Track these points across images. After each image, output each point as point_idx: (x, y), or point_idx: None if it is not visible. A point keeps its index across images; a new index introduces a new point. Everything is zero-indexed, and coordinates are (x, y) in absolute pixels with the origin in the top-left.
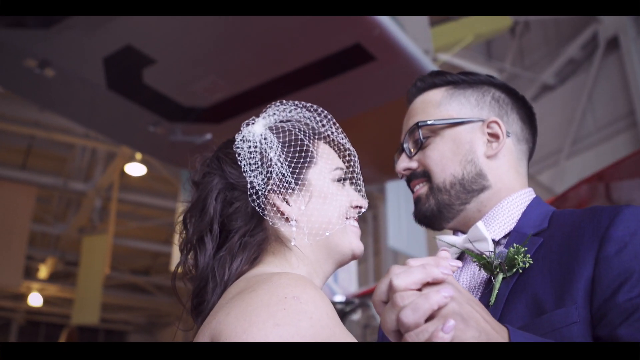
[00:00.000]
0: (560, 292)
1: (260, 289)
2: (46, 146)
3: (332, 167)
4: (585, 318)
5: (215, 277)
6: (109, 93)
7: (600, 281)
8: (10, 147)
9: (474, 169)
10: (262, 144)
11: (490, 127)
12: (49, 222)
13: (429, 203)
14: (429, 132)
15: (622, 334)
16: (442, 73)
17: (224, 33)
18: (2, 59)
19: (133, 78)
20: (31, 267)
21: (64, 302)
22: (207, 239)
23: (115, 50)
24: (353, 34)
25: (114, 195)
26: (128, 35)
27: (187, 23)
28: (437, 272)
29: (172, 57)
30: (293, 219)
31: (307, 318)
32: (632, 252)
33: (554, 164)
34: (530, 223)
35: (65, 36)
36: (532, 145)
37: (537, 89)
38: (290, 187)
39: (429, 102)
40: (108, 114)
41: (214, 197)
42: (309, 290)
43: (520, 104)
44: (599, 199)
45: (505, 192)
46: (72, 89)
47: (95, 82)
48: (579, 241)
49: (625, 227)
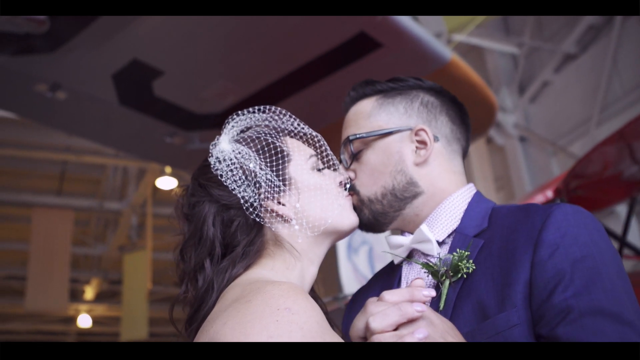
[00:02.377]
0: (501, 297)
1: (255, 299)
2: (79, 170)
3: (306, 156)
4: (525, 319)
5: (213, 288)
6: (122, 109)
7: (537, 284)
8: (44, 174)
9: (404, 178)
10: (239, 159)
11: (418, 135)
12: (90, 244)
13: (363, 213)
14: (360, 145)
15: (560, 333)
16: (372, 82)
17: (227, 37)
18: (12, 87)
19: (144, 91)
20: (77, 289)
21: (112, 321)
22: (207, 263)
23: (123, 65)
24: (356, 23)
25: (148, 211)
26: (133, 49)
27: (190, 31)
28: (412, 311)
29: (179, 67)
30: (292, 218)
31: (298, 329)
32: (564, 254)
33: (584, 134)
34: (472, 223)
35: (72, 57)
36: (464, 143)
37: (560, 60)
38: (279, 188)
39: (360, 114)
40: (124, 129)
41: (210, 223)
42: (300, 301)
43: (450, 104)
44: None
45: (439, 195)
46: (85, 108)
47: (107, 100)
48: (515, 245)
49: (556, 229)
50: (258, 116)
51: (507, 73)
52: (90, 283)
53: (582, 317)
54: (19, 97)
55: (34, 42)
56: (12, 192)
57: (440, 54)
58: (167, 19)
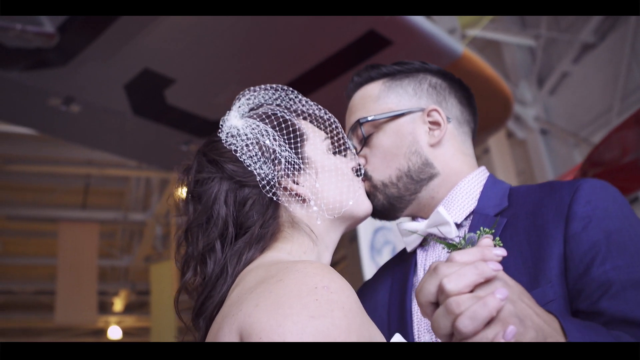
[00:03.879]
0: (534, 273)
1: (288, 278)
2: (102, 183)
3: (321, 138)
4: (561, 294)
5: (227, 271)
6: (136, 119)
7: (572, 258)
8: (68, 188)
9: (420, 159)
10: (255, 134)
11: (430, 116)
12: (116, 256)
13: (377, 199)
14: (371, 128)
15: (603, 307)
16: (377, 66)
17: (237, 41)
18: (26, 102)
19: (156, 100)
20: (106, 301)
21: (142, 331)
22: (217, 245)
23: (134, 75)
24: (365, 21)
25: (172, 221)
26: (143, 59)
27: (199, 37)
28: (489, 270)
29: (190, 74)
30: (310, 199)
31: (339, 308)
32: (597, 227)
33: (605, 123)
34: (490, 203)
35: (83, 70)
36: (473, 126)
37: (578, 50)
38: (297, 167)
39: (368, 97)
40: (139, 139)
41: (222, 202)
42: (336, 280)
43: (457, 87)
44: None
45: (455, 177)
46: (100, 120)
47: (120, 110)
48: (544, 219)
49: (587, 202)
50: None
51: (525, 66)
52: (119, 295)
53: (625, 290)
54: (33, 112)
55: (45, 56)
56: (37, 207)
57: (451, 49)
58: (175, 27)
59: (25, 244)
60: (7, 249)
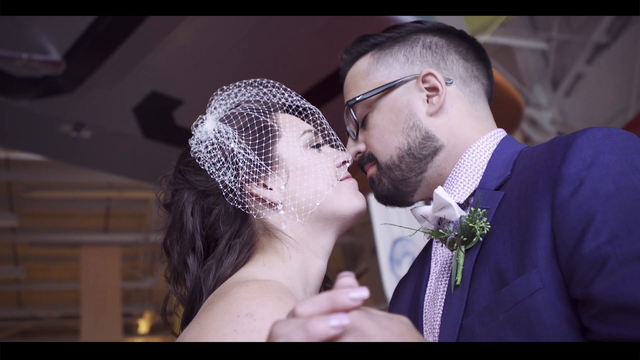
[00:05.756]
0: (520, 257)
1: (217, 306)
2: (123, 206)
3: (299, 133)
4: (551, 281)
5: (202, 289)
6: (147, 141)
7: (561, 233)
8: (89, 213)
9: (419, 134)
10: (218, 139)
11: (426, 81)
12: (139, 278)
13: (382, 183)
14: (364, 109)
15: (596, 291)
16: (365, 37)
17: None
18: (38, 130)
19: (166, 122)
20: (131, 324)
21: None
22: (189, 260)
23: (142, 98)
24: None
25: None
26: (150, 82)
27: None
28: (324, 329)
29: (197, 94)
30: (279, 202)
31: (261, 337)
32: (590, 190)
33: (623, 123)
34: (495, 174)
35: (92, 96)
36: (486, 81)
37: (591, 51)
38: (262, 169)
39: (358, 74)
40: (151, 162)
41: (189, 213)
42: (267, 304)
43: (459, 40)
44: None
45: (462, 146)
46: (111, 144)
47: (131, 134)
48: (535, 189)
49: (580, 160)
50: (248, 91)
51: (538, 70)
52: (144, 316)
53: (622, 266)
54: (45, 139)
55: (53, 84)
56: (60, 233)
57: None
58: (179, 49)
59: (48, 270)
60: (31, 275)
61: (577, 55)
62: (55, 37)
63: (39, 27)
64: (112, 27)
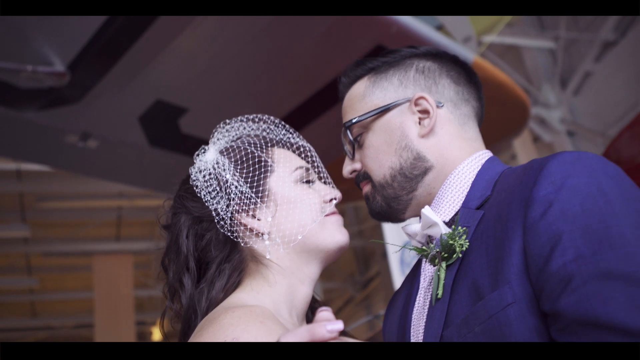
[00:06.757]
0: (495, 273)
1: (205, 331)
2: (134, 214)
3: (291, 169)
4: (522, 296)
5: (197, 310)
6: (153, 150)
7: (531, 251)
8: (101, 222)
9: (411, 154)
10: (216, 169)
11: (418, 104)
12: (152, 286)
13: (376, 200)
14: (360, 129)
15: (562, 306)
16: (362, 62)
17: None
18: (45, 141)
19: (171, 130)
20: (145, 332)
21: None
22: (184, 278)
23: (147, 107)
24: (372, 37)
25: None
26: (155, 91)
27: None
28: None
29: (202, 102)
30: (265, 232)
31: None
32: (559, 211)
33: None
34: (477, 193)
35: (97, 106)
36: (476, 103)
37: (599, 48)
38: (252, 201)
39: (354, 97)
40: (158, 170)
41: (184, 236)
42: (251, 328)
43: (451, 65)
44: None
45: (450, 166)
46: (118, 154)
47: (137, 143)
48: (509, 209)
49: (550, 182)
50: (249, 125)
51: (547, 69)
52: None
53: (585, 284)
54: (52, 150)
55: (59, 95)
56: (72, 242)
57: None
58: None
59: (61, 279)
60: (44, 285)
61: (585, 53)
62: (59, 48)
63: (42, 38)
64: (115, 37)
